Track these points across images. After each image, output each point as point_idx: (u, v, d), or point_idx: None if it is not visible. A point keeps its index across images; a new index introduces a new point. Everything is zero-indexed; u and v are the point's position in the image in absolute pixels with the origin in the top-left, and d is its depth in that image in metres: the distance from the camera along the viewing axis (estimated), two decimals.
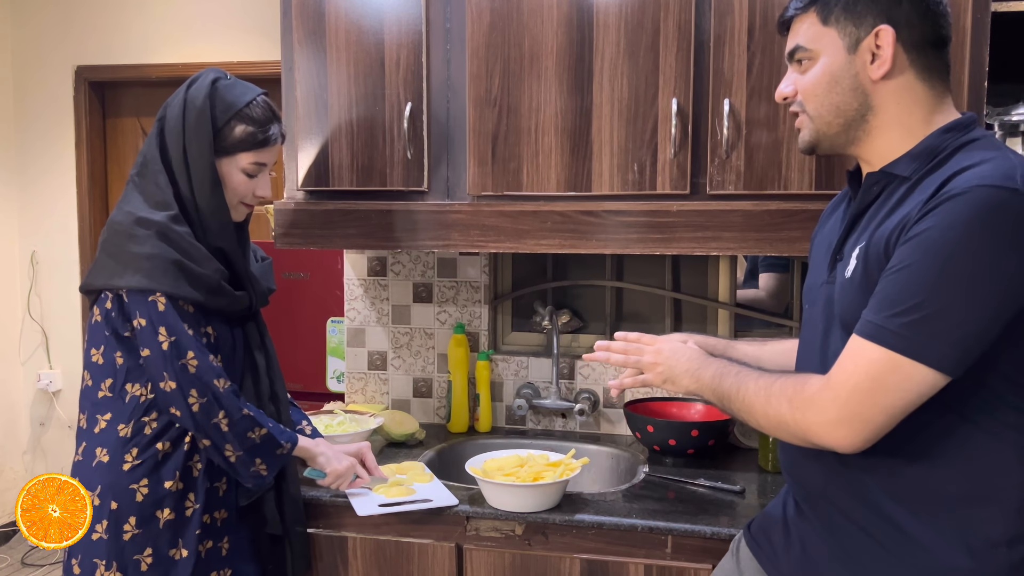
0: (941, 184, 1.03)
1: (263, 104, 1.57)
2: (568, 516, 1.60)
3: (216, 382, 1.46)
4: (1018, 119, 1.69)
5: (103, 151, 3.81)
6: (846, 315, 1.12)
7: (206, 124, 1.50)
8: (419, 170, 1.86)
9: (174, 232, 1.47)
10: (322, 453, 1.64)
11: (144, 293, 1.45)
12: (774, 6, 1.65)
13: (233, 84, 1.56)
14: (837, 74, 1.16)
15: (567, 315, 2.21)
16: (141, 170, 1.53)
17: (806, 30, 1.18)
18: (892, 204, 1.11)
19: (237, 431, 1.48)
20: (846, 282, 1.13)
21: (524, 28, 1.77)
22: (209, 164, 1.51)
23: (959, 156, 1.08)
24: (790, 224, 1.66)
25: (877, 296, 1.04)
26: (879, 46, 1.13)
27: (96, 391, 1.51)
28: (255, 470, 1.51)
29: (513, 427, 2.23)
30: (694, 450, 1.92)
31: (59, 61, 3.72)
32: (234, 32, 3.53)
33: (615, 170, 1.76)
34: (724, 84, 1.69)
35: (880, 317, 1.02)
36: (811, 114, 1.19)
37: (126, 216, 1.49)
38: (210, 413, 1.45)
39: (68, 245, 3.77)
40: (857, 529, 1.12)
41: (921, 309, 1.00)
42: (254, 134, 1.54)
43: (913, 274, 1.01)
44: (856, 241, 1.15)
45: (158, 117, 1.55)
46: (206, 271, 1.49)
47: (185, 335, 1.46)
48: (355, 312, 2.30)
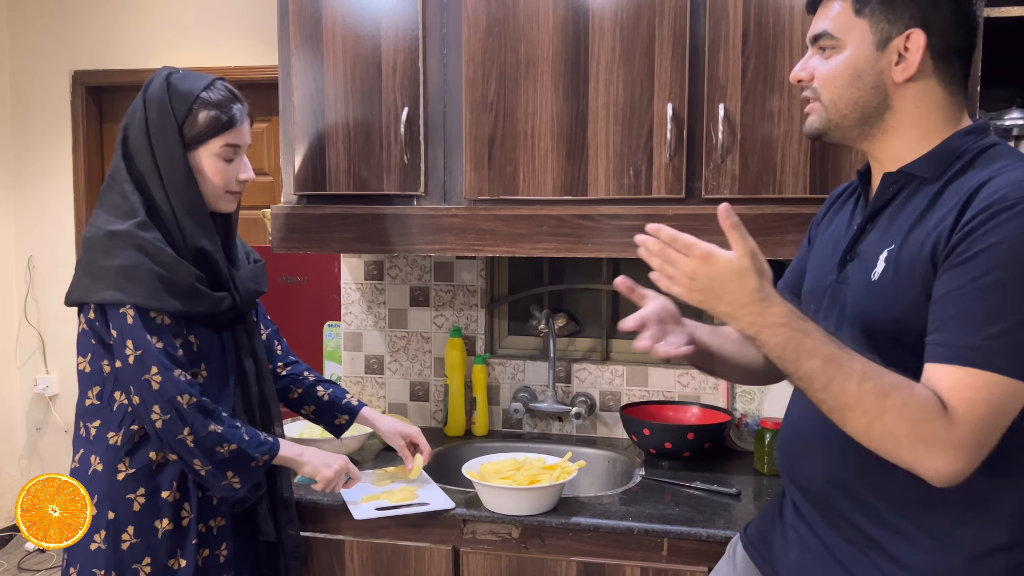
0: (976, 189, 1.02)
1: (221, 87, 1.53)
2: (564, 519, 1.60)
3: (179, 398, 1.42)
4: (1011, 124, 1.70)
5: (100, 156, 3.82)
6: (867, 317, 1.10)
7: (168, 120, 1.48)
8: (415, 174, 1.87)
9: (143, 239, 1.44)
10: (308, 462, 1.58)
11: (116, 306, 1.43)
12: (769, 11, 1.66)
13: (186, 75, 1.53)
14: (861, 68, 1.12)
15: (563, 318, 2.22)
16: (109, 182, 1.51)
17: (836, 16, 1.14)
18: (918, 207, 1.09)
19: (204, 447, 1.43)
20: (872, 284, 1.10)
21: (520, 33, 1.78)
22: (180, 159, 1.48)
23: (984, 159, 1.07)
24: (785, 228, 1.67)
25: (957, 317, 0.99)
26: (908, 49, 1.10)
27: (84, 399, 1.50)
28: (227, 483, 1.47)
29: (510, 430, 2.23)
30: (690, 453, 1.92)
31: (56, 66, 3.73)
32: (231, 37, 3.54)
33: (611, 174, 1.76)
34: (719, 89, 1.70)
35: (978, 340, 0.97)
36: (825, 103, 1.16)
37: (96, 231, 1.47)
38: (173, 430, 1.42)
39: (65, 249, 3.78)
40: (855, 532, 1.11)
41: (1017, 328, 0.96)
42: (218, 117, 1.50)
43: (996, 291, 0.97)
44: (880, 242, 1.12)
45: (121, 127, 1.53)
46: (178, 275, 1.46)
47: (150, 349, 1.42)
48: (352, 316, 2.31)
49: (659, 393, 2.14)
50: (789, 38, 1.66)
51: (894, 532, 1.08)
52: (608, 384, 2.17)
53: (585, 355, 2.24)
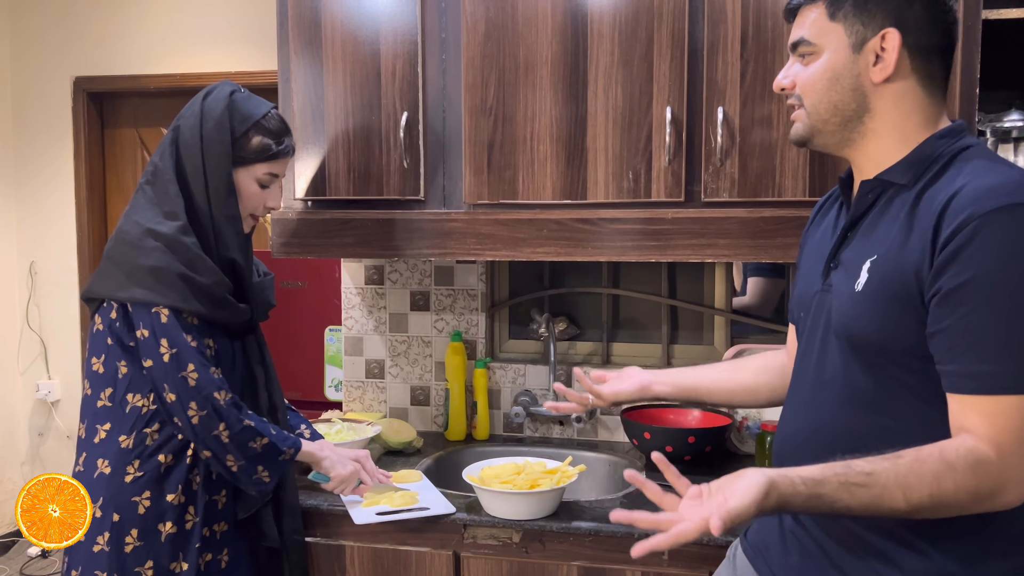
0: (948, 200, 1.02)
1: (277, 117, 1.60)
2: (565, 523, 1.60)
3: (216, 394, 1.46)
4: (1010, 125, 1.70)
5: (102, 161, 3.82)
6: (852, 327, 1.10)
7: (225, 134, 1.52)
8: (415, 179, 1.87)
9: (181, 244, 1.47)
10: (327, 457, 1.65)
11: (148, 305, 1.45)
12: (767, 14, 1.66)
13: (248, 97, 1.59)
14: (839, 71, 1.14)
15: (564, 322, 2.22)
16: (151, 179, 1.53)
17: (812, 23, 1.16)
18: (897, 215, 1.10)
19: (238, 442, 1.47)
20: (856, 295, 1.10)
21: (519, 38, 1.78)
22: (227, 173, 1.52)
23: (957, 163, 1.08)
24: (784, 231, 1.67)
25: (971, 345, 0.99)
26: (884, 49, 1.11)
27: (95, 400, 1.51)
28: (257, 477, 1.51)
29: (511, 435, 2.23)
30: (691, 457, 1.92)
31: (58, 72, 3.74)
32: (231, 43, 3.55)
33: (610, 178, 1.76)
34: (718, 92, 1.70)
35: (997, 367, 0.98)
36: (808, 109, 1.17)
37: (134, 226, 1.49)
38: (210, 425, 1.45)
39: (67, 255, 3.78)
40: (853, 537, 1.11)
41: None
42: (270, 145, 1.57)
43: (999, 314, 0.98)
44: (862, 252, 1.12)
45: (172, 127, 1.56)
46: (211, 283, 1.49)
47: (186, 347, 1.46)
48: (353, 321, 2.31)
49: None
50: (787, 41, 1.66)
51: (892, 537, 1.08)
52: None
53: (586, 359, 2.24)
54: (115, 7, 3.68)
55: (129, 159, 3.79)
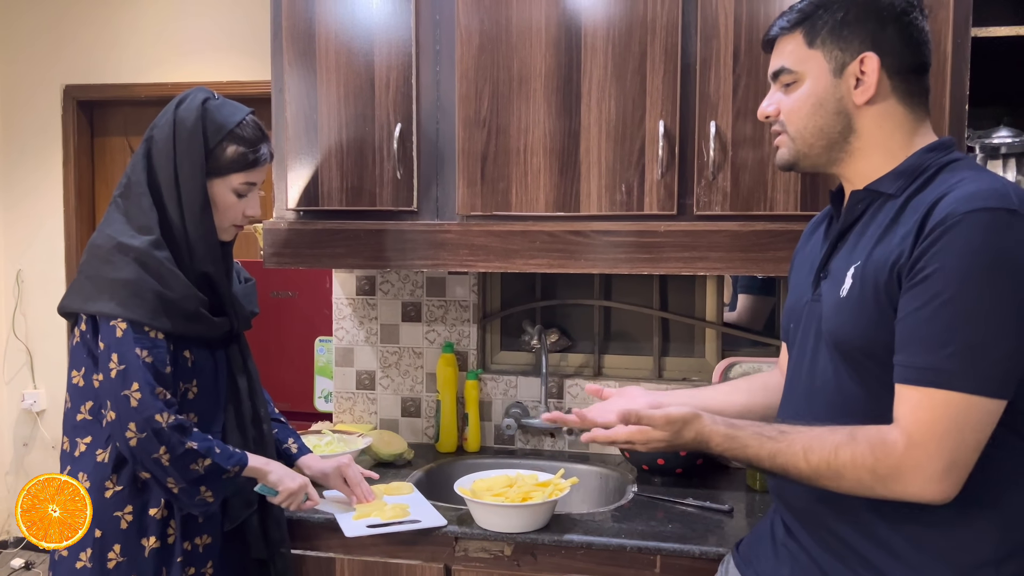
0: (932, 205, 1.04)
1: (253, 124, 1.56)
2: (557, 536, 1.59)
3: (158, 417, 1.40)
4: (999, 142, 1.71)
5: (91, 170, 3.81)
6: (838, 333, 1.12)
7: (198, 144, 1.49)
8: (408, 190, 1.87)
9: (153, 258, 1.44)
10: (273, 471, 1.57)
11: (108, 318, 1.43)
12: (759, 29, 1.68)
13: (223, 104, 1.55)
14: (822, 97, 1.17)
15: (556, 334, 2.22)
16: (125, 191, 1.51)
17: (792, 52, 1.19)
18: (883, 222, 1.12)
19: (179, 465, 1.42)
20: (840, 301, 1.12)
21: (513, 50, 1.79)
22: (200, 185, 1.49)
23: (944, 174, 1.10)
24: (776, 244, 1.68)
25: (917, 338, 1.02)
26: (864, 72, 1.14)
27: (75, 413, 1.49)
28: (200, 498, 1.46)
29: (502, 447, 2.22)
30: (682, 469, 1.92)
31: (47, 80, 3.72)
32: (224, 52, 3.55)
33: (603, 191, 1.77)
34: (710, 106, 1.71)
35: (934, 360, 1.01)
36: (792, 135, 1.20)
37: (107, 239, 1.47)
38: (149, 448, 1.40)
39: (54, 264, 3.76)
40: (845, 549, 1.12)
41: (971, 344, 0.99)
42: (245, 154, 1.53)
43: (947, 310, 1.00)
44: (848, 259, 1.14)
45: (145, 138, 1.53)
46: (183, 298, 1.46)
47: (136, 364, 1.41)
48: (343, 331, 2.30)
49: None
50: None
51: (883, 548, 1.09)
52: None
53: (577, 370, 2.24)
54: (106, 15, 3.67)
55: (119, 168, 3.77)
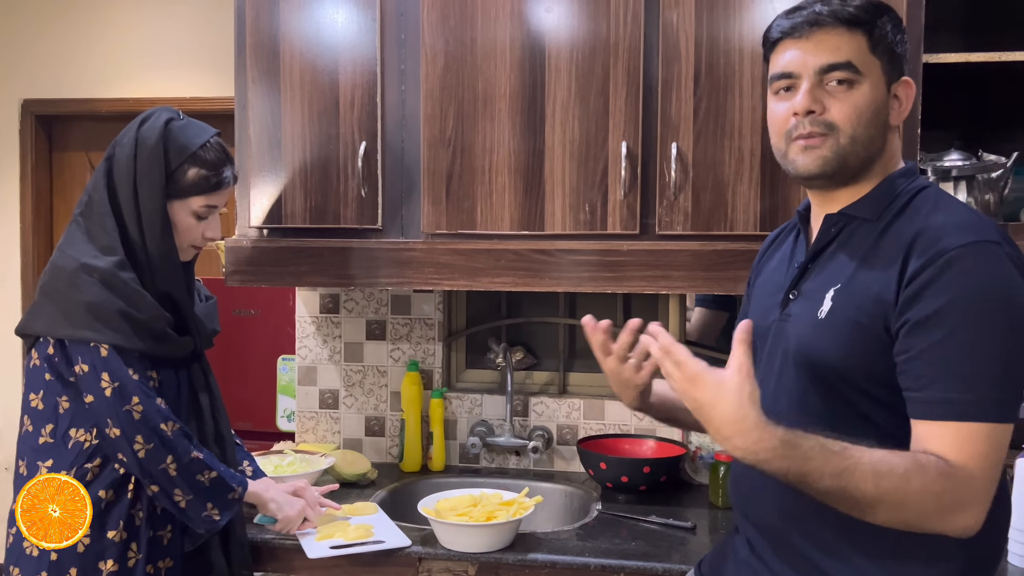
0: (913, 238, 1.06)
1: (216, 146, 1.54)
2: (521, 556, 1.59)
3: (163, 425, 1.43)
4: (950, 164, 1.76)
5: (48, 186, 3.73)
6: (813, 354, 1.12)
7: (159, 166, 1.47)
8: (373, 208, 1.87)
9: (118, 279, 1.43)
10: (272, 499, 1.61)
11: (86, 342, 1.41)
12: (719, 53, 1.71)
13: (187, 125, 1.53)
14: (879, 107, 1.12)
15: (521, 352, 2.22)
16: (86, 210, 1.49)
17: (857, 50, 1.11)
18: (860, 246, 1.13)
19: (186, 475, 1.44)
20: (819, 322, 1.12)
21: (477, 70, 1.80)
22: (160, 207, 1.48)
23: (916, 203, 1.12)
24: (736, 263, 1.71)
25: (946, 374, 1.02)
26: (906, 95, 1.15)
27: (36, 437, 1.46)
28: (207, 514, 1.47)
29: (467, 465, 2.21)
30: (646, 487, 1.93)
31: (5, 94, 3.65)
32: (186, 68, 3.51)
33: (567, 210, 1.79)
34: (672, 128, 1.74)
35: (970, 395, 1.01)
36: (845, 137, 1.11)
37: (69, 260, 1.44)
38: (156, 458, 1.41)
39: (10, 282, 3.66)
40: (809, 566, 1.12)
41: (995, 375, 1.01)
42: (208, 177, 1.51)
43: (971, 346, 1.01)
44: (825, 281, 1.14)
45: (106, 155, 1.51)
46: (151, 319, 1.45)
47: (129, 380, 1.42)
48: (307, 350, 2.28)
49: (615, 426, 2.15)
50: (739, 80, 1.71)
51: (847, 565, 1.09)
52: (565, 417, 2.18)
53: (542, 388, 2.25)
54: (66, 29, 3.62)
55: (79, 184, 3.70)
